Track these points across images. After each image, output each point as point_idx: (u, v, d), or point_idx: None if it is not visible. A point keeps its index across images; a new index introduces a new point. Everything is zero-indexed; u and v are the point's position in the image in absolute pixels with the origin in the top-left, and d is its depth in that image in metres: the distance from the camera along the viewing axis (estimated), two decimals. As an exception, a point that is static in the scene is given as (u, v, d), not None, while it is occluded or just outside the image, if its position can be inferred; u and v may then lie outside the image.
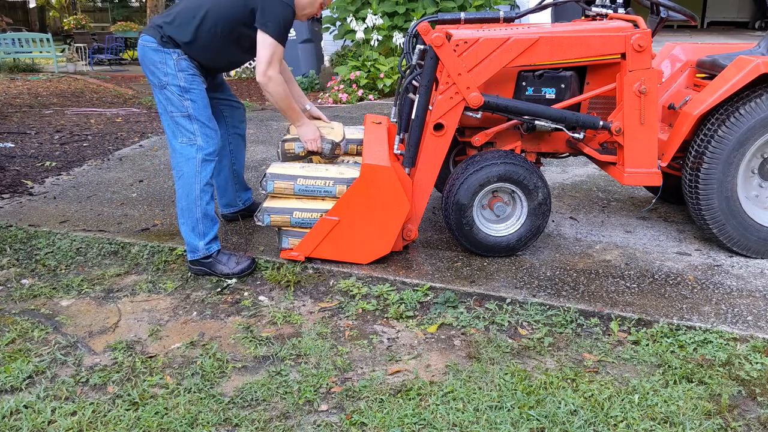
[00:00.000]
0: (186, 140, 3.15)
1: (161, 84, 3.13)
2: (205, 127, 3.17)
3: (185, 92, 3.13)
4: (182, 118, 3.14)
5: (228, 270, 3.25)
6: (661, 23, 3.47)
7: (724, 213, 3.35)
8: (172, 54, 3.12)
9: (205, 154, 3.16)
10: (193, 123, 3.14)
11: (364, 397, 2.33)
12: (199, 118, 3.15)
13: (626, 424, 2.18)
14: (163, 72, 3.11)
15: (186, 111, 3.13)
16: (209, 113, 3.22)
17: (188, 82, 3.14)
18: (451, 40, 3.22)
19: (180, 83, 3.12)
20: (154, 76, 3.15)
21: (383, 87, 8.91)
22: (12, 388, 2.40)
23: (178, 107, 3.13)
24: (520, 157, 3.38)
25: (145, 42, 3.14)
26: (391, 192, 3.18)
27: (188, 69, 3.14)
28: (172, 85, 3.11)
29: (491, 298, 3.01)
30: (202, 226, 3.21)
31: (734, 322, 2.80)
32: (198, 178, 3.16)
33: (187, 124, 3.14)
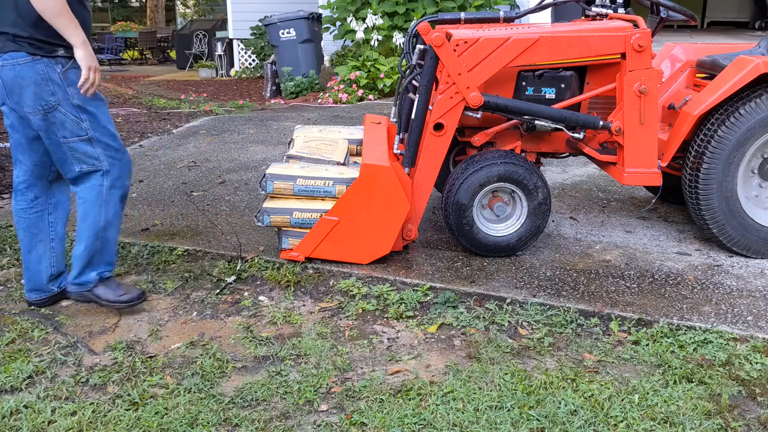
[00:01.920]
0: (87, 167, 2.75)
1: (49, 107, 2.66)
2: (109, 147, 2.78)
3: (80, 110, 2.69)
4: (81, 143, 2.72)
5: (114, 297, 2.89)
6: (661, 23, 3.47)
7: (724, 213, 3.35)
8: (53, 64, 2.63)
9: (113, 180, 2.80)
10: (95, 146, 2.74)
11: (364, 397, 2.33)
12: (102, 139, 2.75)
13: (626, 424, 2.18)
14: (49, 91, 2.63)
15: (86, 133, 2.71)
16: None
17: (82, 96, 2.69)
18: (451, 40, 3.22)
19: (73, 100, 2.67)
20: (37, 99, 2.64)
21: (383, 87, 8.91)
22: (12, 388, 2.40)
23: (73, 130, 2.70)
24: (520, 157, 3.38)
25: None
26: (390, 192, 3.18)
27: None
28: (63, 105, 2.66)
29: (491, 298, 3.01)
30: (98, 259, 2.86)
31: (734, 322, 2.80)
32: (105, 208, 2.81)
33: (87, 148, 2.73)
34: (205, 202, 4.38)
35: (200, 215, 4.12)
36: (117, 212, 2.85)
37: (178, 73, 15.43)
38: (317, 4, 10.71)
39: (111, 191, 2.80)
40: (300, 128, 4.09)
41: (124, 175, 2.84)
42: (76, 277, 2.87)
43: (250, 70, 13.59)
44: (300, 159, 3.48)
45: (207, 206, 4.30)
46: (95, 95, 2.71)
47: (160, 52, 19.98)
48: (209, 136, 6.57)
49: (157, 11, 24.08)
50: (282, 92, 10.37)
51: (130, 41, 20.21)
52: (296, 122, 6.97)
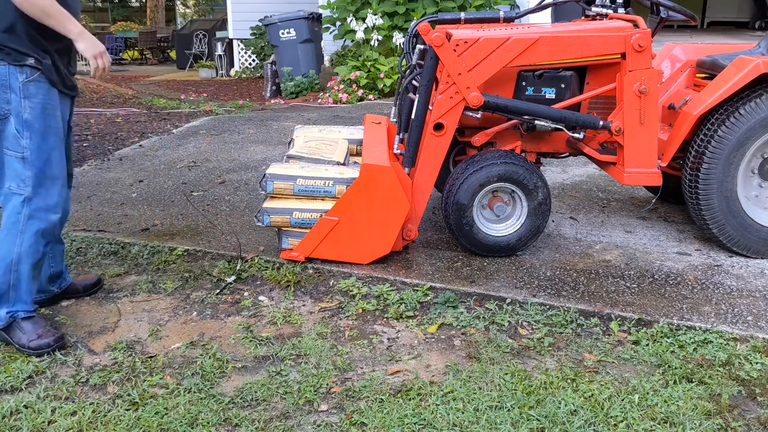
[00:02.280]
0: (15, 187, 2.55)
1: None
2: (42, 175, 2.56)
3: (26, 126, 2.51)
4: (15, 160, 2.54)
5: (25, 341, 2.58)
6: (661, 23, 3.47)
7: (724, 213, 3.35)
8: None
9: (33, 210, 2.56)
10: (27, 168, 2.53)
11: (364, 397, 2.33)
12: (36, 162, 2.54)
13: (626, 424, 2.18)
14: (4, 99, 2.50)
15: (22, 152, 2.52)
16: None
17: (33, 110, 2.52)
18: (451, 40, 3.22)
19: (24, 114, 2.50)
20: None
21: (383, 87, 8.91)
22: (12, 388, 2.40)
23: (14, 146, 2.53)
24: (520, 157, 3.38)
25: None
26: (390, 192, 3.18)
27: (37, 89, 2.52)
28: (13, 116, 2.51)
29: (491, 298, 3.01)
30: (13, 294, 2.60)
31: (734, 322, 2.80)
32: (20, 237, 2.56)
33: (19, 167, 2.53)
34: (205, 202, 4.38)
35: (200, 215, 4.12)
36: (34, 247, 2.57)
37: (178, 73, 15.43)
38: (317, 4, 10.71)
39: (29, 221, 2.55)
40: (300, 128, 4.09)
41: (50, 209, 2.58)
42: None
43: (250, 70, 13.59)
44: (300, 159, 3.48)
45: (207, 206, 4.30)
46: (51, 117, 2.54)
47: (160, 52, 19.98)
48: (209, 136, 6.57)
49: (157, 11, 24.07)
50: (282, 92, 10.37)
51: (130, 41, 20.21)
52: (296, 122, 6.97)
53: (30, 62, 2.49)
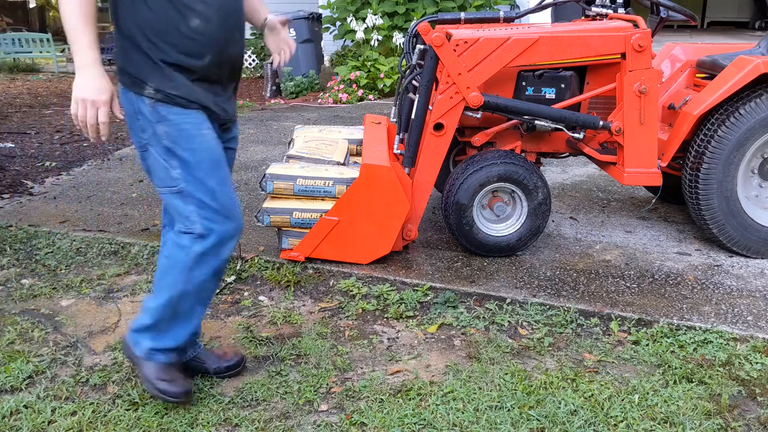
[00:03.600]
0: (182, 227, 2.16)
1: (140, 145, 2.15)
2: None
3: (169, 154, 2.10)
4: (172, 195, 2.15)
5: (151, 379, 2.25)
6: (661, 23, 3.47)
7: (724, 213, 3.35)
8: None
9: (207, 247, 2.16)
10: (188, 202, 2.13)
11: (364, 397, 2.33)
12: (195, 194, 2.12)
13: (626, 424, 2.18)
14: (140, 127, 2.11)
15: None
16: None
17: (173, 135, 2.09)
18: (451, 40, 3.22)
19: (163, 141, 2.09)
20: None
21: (383, 87, 8.91)
22: (12, 388, 2.40)
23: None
24: (520, 157, 3.38)
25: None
26: (390, 192, 3.18)
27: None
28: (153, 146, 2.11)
29: (491, 298, 3.01)
30: (164, 327, 2.25)
31: (734, 322, 2.80)
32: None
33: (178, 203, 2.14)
34: (205, 202, 4.37)
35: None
36: (203, 285, 2.19)
37: (178, 73, 15.40)
38: (317, 4, 10.71)
39: (201, 259, 2.14)
40: (300, 128, 4.09)
41: (224, 244, 2.16)
42: (134, 328, 2.29)
43: (250, 70, 13.58)
44: (300, 159, 3.48)
45: (207, 206, 4.29)
46: (192, 138, 2.09)
47: (160, 52, 19.95)
48: (209, 136, 6.56)
49: (157, 11, 24.05)
50: (282, 92, 10.36)
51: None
52: (296, 122, 6.97)
53: (149, 90, 2.10)
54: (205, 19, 2.03)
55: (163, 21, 2.00)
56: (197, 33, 2.03)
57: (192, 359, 2.44)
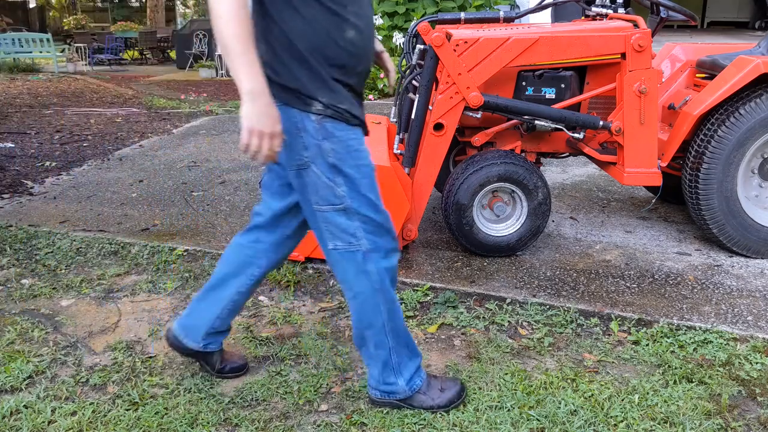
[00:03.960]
0: (342, 245, 2.10)
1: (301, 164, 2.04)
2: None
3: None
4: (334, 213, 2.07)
5: (431, 402, 2.25)
6: (661, 23, 3.47)
7: (724, 213, 3.35)
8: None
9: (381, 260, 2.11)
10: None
11: (364, 397, 2.33)
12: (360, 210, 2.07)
13: (626, 424, 2.18)
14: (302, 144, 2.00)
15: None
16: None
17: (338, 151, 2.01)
18: (451, 40, 3.22)
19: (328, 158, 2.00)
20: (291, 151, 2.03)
21: (383, 87, 8.91)
22: (12, 388, 2.40)
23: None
24: (520, 157, 3.38)
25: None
26: (390, 192, 3.18)
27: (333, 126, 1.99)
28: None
29: (491, 298, 3.01)
30: (396, 357, 2.21)
31: (734, 322, 2.80)
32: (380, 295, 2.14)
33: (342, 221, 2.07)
34: (205, 202, 4.38)
35: (200, 215, 4.12)
36: (392, 297, 2.15)
37: (178, 73, 15.43)
38: (317, 4, 10.69)
39: (383, 274, 2.11)
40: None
41: (391, 254, 2.14)
42: (378, 383, 2.25)
43: (250, 70, 13.55)
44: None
45: (207, 206, 4.30)
46: (357, 153, 2.04)
47: (160, 52, 19.98)
48: (209, 136, 6.57)
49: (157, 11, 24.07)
50: (282, 92, 10.36)
51: (130, 41, 20.20)
52: (296, 122, 6.96)
53: (317, 106, 1.99)
54: (359, 31, 1.98)
55: (319, 33, 1.93)
56: (353, 45, 1.97)
57: (206, 350, 2.41)
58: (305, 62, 1.93)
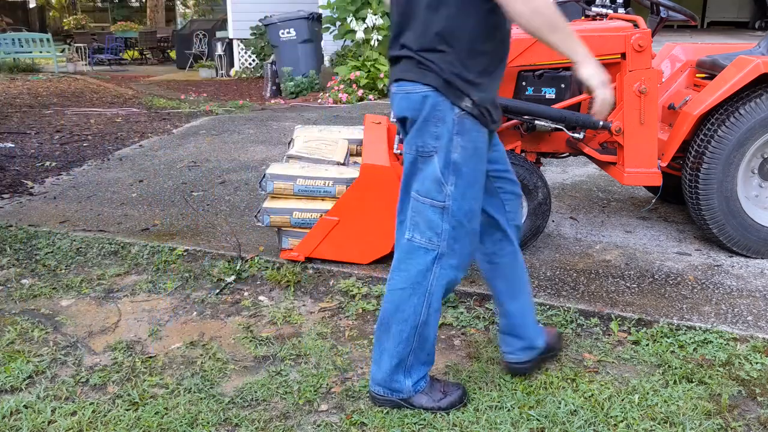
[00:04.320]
0: (421, 239, 2.10)
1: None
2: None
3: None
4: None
5: (432, 404, 2.24)
6: (661, 23, 3.46)
7: (724, 213, 3.35)
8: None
9: (444, 267, 2.12)
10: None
11: (364, 397, 2.33)
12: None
13: (626, 424, 2.18)
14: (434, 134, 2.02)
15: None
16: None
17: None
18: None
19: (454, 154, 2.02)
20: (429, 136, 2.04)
21: (383, 87, 8.91)
22: (12, 388, 2.40)
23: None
24: (520, 157, 3.38)
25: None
26: (390, 192, 3.17)
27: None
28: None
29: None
30: (413, 359, 2.20)
31: (734, 322, 2.80)
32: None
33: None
34: (205, 202, 4.38)
35: (200, 215, 4.12)
36: (438, 306, 2.17)
37: (178, 73, 15.43)
38: (317, 4, 10.71)
39: (439, 281, 2.11)
40: (300, 128, 4.09)
41: (460, 268, 2.13)
42: (384, 379, 2.22)
43: (250, 70, 13.59)
44: (300, 159, 3.48)
45: (207, 206, 4.30)
46: (480, 158, 2.05)
47: (160, 52, 19.99)
48: (209, 136, 6.57)
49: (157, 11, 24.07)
50: (282, 92, 10.37)
51: (130, 41, 20.21)
52: (296, 122, 6.97)
53: (467, 103, 2.01)
54: (507, 33, 2.04)
55: (485, 33, 1.97)
56: (503, 45, 2.03)
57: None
58: (469, 58, 1.97)
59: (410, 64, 2.01)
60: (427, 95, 1.98)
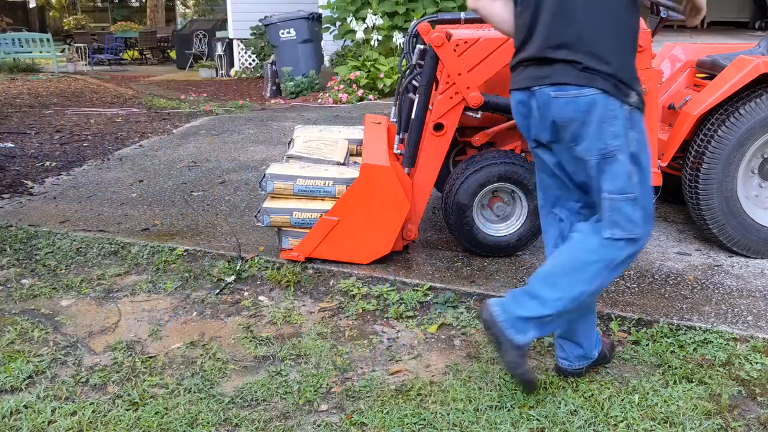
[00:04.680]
0: (621, 233, 2.13)
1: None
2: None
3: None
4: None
5: (514, 365, 2.23)
6: (661, 23, 3.46)
7: (724, 213, 3.35)
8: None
9: (634, 252, 2.18)
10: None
11: (364, 397, 2.33)
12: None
13: (626, 424, 2.18)
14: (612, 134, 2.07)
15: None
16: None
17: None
18: (451, 40, 3.22)
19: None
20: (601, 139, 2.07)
21: (383, 87, 8.91)
22: (12, 388, 2.40)
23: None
24: (520, 157, 3.38)
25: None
26: (390, 192, 3.18)
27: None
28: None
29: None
30: (557, 319, 2.22)
31: (734, 322, 2.80)
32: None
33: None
34: (205, 202, 4.38)
35: (200, 215, 4.12)
36: (605, 284, 2.24)
37: (178, 73, 15.44)
38: (317, 4, 10.71)
39: (625, 261, 2.18)
40: (300, 128, 4.09)
41: (641, 248, 2.20)
42: (522, 314, 2.19)
43: (250, 70, 13.59)
44: (300, 159, 3.48)
45: (207, 206, 4.30)
46: (647, 145, 2.14)
47: (160, 52, 20.00)
48: (209, 136, 6.57)
49: (157, 11, 24.08)
50: (282, 92, 10.37)
51: (130, 41, 20.22)
52: (296, 122, 6.97)
53: (634, 98, 2.09)
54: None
55: (637, 30, 2.12)
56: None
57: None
58: (631, 54, 2.10)
59: (573, 68, 2.04)
60: (596, 98, 2.03)
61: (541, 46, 2.09)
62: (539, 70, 2.11)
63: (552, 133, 2.16)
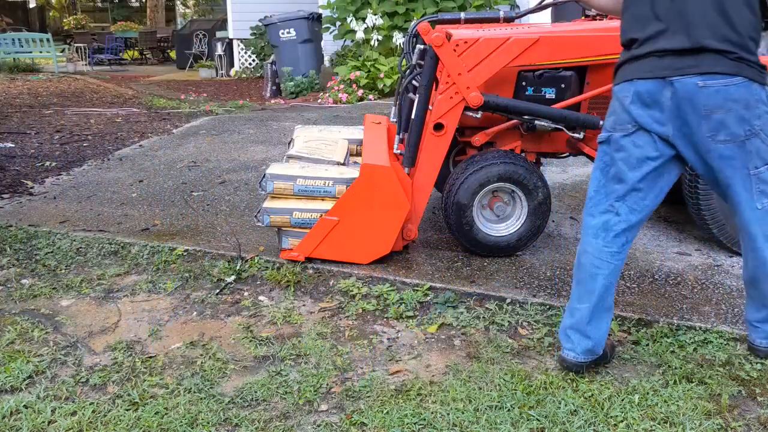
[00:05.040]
0: None
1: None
2: None
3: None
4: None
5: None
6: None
7: (724, 213, 3.35)
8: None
9: None
10: None
11: (364, 397, 2.33)
12: None
13: (626, 424, 2.18)
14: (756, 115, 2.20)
15: None
16: None
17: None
18: (451, 40, 3.22)
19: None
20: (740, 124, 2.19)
21: (383, 87, 8.91)
22: (12, 388, 2.40)
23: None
24: (520, 157, 3.38)
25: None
26: (390, 192, 3.18)
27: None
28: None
29: (491, 298, 3.01)
30: None
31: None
32: None
33: None
34: (205, 202, 4.38)
35: (200, 215, 4.12)
36: None
37: (178, 73, 15.44)
38: (317, 4, 10.71)
39: None
40: (300, 128, 4.09)
41: None
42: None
43: (250, 70, 13.60)
44: (300, 159, 3.48)
45: (207, 206, 4.30)
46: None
47: (160, 52, 20.00)
48: (209, 136, 6.57)
49: (157, 11, 24.08)
50: (282, 92, 10.37)
51: (130, 41, 20.23)
52: (296, 122, 6.97)
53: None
54: None
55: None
56: None
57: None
58: (759, 43, 2.21)
59: (724, 57, 2.14)
60: (745, 85, 2.15)
61: (689, 37, 2.15)
62: (681, 61, 2.17)
63: (683, 124, 2.21)
